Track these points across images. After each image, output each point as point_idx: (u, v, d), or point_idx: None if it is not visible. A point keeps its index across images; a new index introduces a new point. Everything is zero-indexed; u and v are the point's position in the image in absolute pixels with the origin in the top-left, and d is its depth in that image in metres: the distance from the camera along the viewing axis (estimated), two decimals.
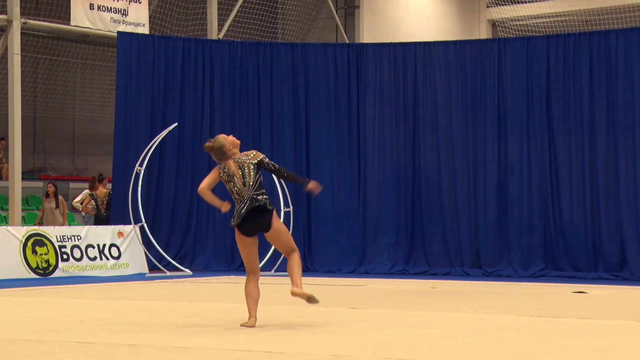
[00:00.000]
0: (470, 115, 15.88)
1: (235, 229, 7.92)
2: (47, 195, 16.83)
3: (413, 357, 6.38)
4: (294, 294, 7.86)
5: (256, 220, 7.87)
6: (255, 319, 7.93)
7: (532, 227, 15.32)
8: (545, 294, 11.94)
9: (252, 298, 7.99)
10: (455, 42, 16.54)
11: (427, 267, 15.78)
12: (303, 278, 8.11)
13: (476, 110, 15.85)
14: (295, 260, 8.01)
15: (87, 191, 17.29)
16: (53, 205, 16.67)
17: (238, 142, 8.17)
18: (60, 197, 16.90)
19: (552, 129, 15.36)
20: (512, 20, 23.43)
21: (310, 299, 7.86)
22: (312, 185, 8.25)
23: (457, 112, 15.94)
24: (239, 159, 8.01)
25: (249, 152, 8.12)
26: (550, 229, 15.20)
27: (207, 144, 8.09)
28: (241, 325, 7.91)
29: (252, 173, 7.95)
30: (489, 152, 15.70)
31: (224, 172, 8.00)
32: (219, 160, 8.08)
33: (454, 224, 15.76)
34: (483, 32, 24.92)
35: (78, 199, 17.42)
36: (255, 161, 7.99)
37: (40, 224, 16.47)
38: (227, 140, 8.09)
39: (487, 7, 24.74)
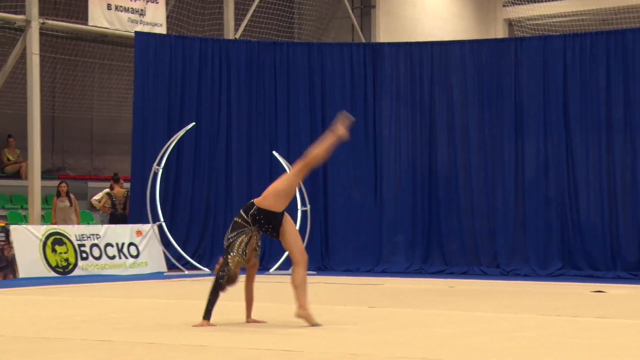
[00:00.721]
0: (486, 114, 15.83)
1: None
2: (59, 194, 16.82)
3: (430, 356, 6.36)
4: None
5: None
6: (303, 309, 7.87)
7: (549, 226, 15.24)
8: (564, 293, 11.89)
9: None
10: (472, 42, 16.49)
11: (445, 267, 15.73)
12: (320, 277, 8.05)
13: (492, 109, 15.80)
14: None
15: (106, 190, 17.33)
16: (67, 204, 16.68)
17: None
18: (72, 196, 16.91)
19: (569, 128, 15.28)
20: (528, 20, 23.34)
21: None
22: None
23: (474, 112, 15.89)
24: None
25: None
26: (568, 228, 15.13)
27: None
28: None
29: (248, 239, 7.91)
30: (505, 152, 15.63)
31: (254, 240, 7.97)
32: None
33: (471, 223, 15.71)
34: (499, 32, 24.83)
35: (97, 197, 17.46)
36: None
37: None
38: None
39: (504, 6, 24.65)
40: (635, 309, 9.95)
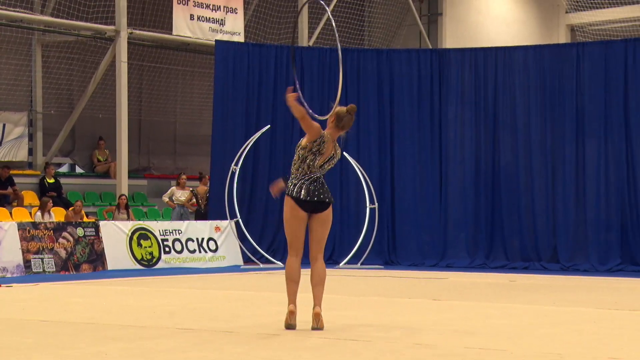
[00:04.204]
0: (548, 116, 15.61)
1: (292, 200, 7.03)
2: (119, 207, 16.75)
3: (493, 346, 6.31)
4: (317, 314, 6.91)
5: (319, 200, 7.07)
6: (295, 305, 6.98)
7: (609, 223, 14.98)
8: (622, 288, 11.67)
9: (293, 280, 6.97)
10: (535, 47, 16.28)
11: (507, 262, 15.55)
12: (387, 271, 8.04)
13: (555, 112, 15.56)
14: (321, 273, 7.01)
15: (173, 188, 17.68)
16: (124, 216, 16.63)
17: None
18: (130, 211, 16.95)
19: (629, 130, 14.98)
20: (590, 25, 22.95)
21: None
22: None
23: (536, 114, 15.68)
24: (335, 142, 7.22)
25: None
26: (627, 225, 14.84)
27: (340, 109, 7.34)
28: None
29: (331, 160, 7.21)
30: (567, 152, 15.40)
31: (320, 140, 7.14)
32: (333, 126, 7.31)
33: (532, 221, 15.51)
34: (562, 37, 24.45)
35: (167, 194, 17.78)
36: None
37: None
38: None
39: (566, 12, 24.27)
40: None
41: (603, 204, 15.06)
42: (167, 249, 15.11)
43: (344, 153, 16.02)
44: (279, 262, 15.72)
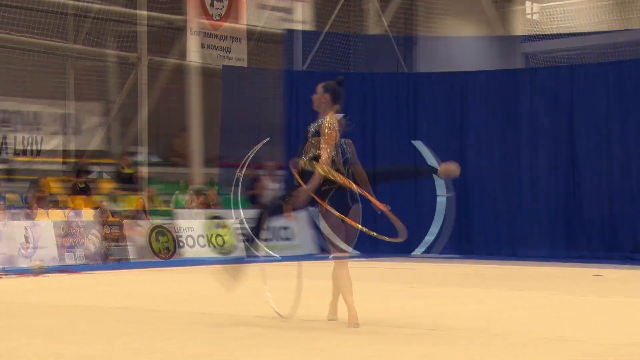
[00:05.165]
0: (507, 130, 15.62)
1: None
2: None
3: (462, 327, 6.27)
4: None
5: None
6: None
7: (557, 220, 15.02)
8: (570, 276, 11.64)
9: None
10: (495, 71, 16.30)
11: (473, 253, 15.51)
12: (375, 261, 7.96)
13: (512, 126, 15.58)
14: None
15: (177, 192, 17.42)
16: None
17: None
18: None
19: (574, 141, 15.09)
20: (542, 53, 23.00)
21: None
22: None
23: (497, 128, 15.68)
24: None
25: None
26: (573, 222, 14.92)
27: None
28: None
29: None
30: (522, 159, 15.43)
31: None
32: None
33: (494, 218, 15.48)
34: (518, 63, 24.47)
35: (171, 201, 17.55)
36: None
37: None
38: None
39: (522, 42, 24.31)
40: (633, 290, 9.70)
41: (553, 203, 15.12)
42: (181, 244, 15.02)
43: None
44: (277, 255, 15.63)
